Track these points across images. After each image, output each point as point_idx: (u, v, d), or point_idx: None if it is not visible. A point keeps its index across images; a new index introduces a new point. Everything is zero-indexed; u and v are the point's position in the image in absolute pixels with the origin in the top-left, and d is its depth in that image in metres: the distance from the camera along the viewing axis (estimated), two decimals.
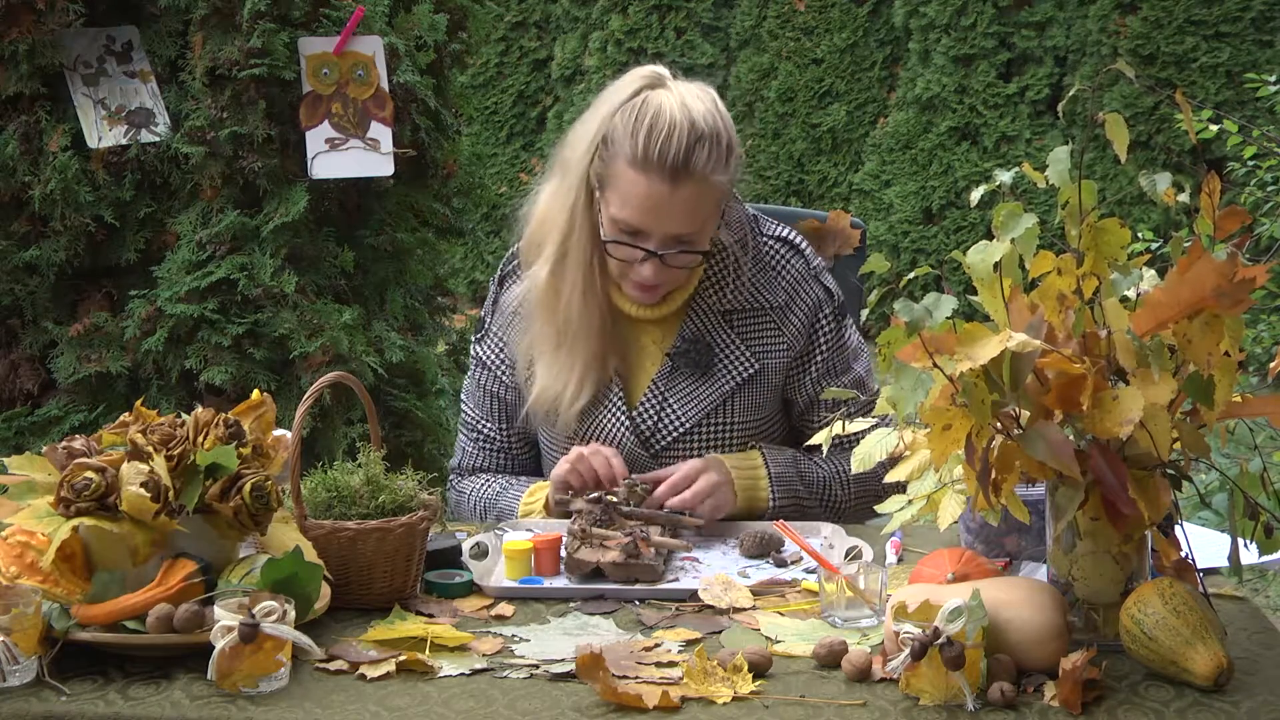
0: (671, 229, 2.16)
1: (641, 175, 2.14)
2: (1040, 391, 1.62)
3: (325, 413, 3.29)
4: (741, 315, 2.29)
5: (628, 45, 9.04)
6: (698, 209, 2.16)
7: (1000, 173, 1.71)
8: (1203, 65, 7.44)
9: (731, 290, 2.28)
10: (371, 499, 1.89)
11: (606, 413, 2.29)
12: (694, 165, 2.13)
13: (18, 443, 3.31)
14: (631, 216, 2.16)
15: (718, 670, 1.63)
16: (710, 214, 2.20)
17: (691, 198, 2.15)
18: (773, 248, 2.32)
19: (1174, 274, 1.59)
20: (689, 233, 2.17)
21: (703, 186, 2.15)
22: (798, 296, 2.31)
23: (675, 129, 2.13)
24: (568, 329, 2.25)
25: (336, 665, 1.68)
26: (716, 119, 2.18)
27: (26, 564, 1.73)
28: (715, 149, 2.15)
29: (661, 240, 2.17)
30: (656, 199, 2.13)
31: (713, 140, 2.15)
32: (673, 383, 2.28)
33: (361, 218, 3.49)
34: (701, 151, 2.14)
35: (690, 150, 2.13)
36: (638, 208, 2.15)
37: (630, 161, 2.14)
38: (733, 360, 2.28)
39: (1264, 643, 1.73)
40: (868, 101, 8.74)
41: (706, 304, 2.29)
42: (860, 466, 1.89)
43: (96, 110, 3.32)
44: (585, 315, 2.24)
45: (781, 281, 2.31)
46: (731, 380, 2.27)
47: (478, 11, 3.77)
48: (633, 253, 2.18)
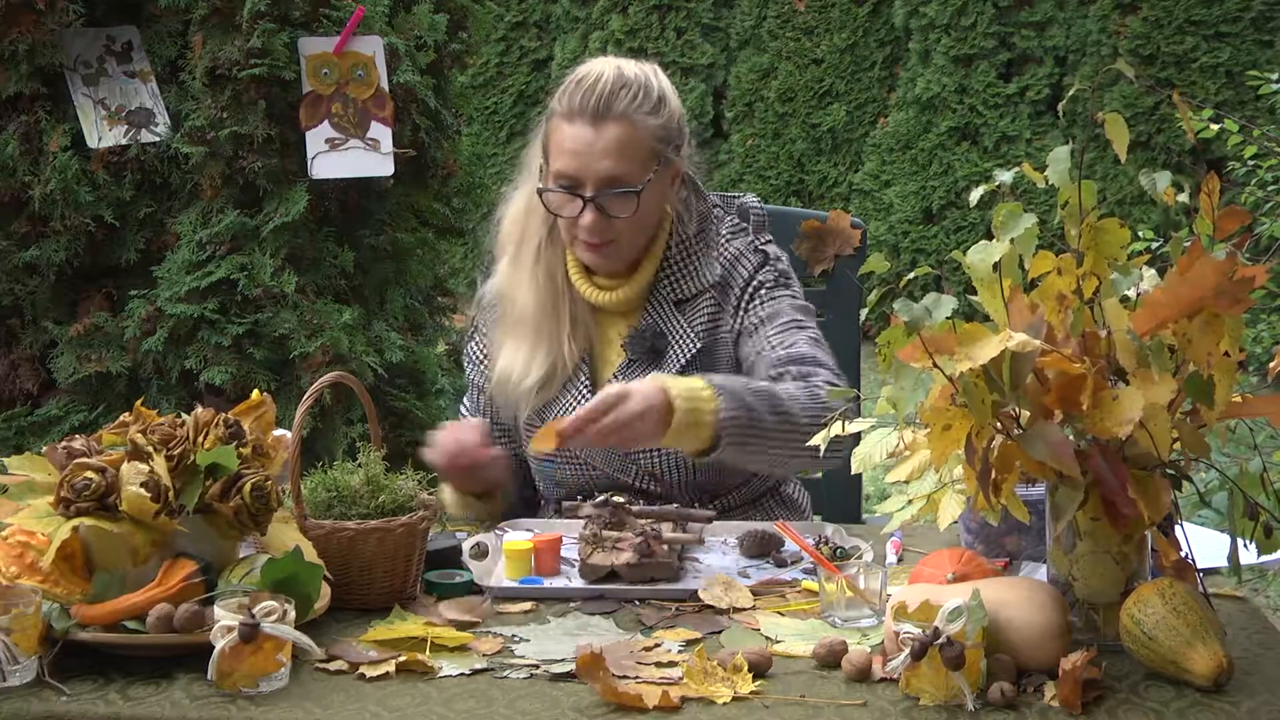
0: (602, 170, 2.22)
1: (569, 124, 2.24)
2: (1040, 391, 1.62)
3: (325, 413, 3.29)
4: (690, 301, 2.34)
5: (628, 45, 9.04)
6: (625, 149, 2.22)
7: (1000, 173, 1.71)
8: (1203, 65, 7.44)
9: (684, 280, 2.34)
10: (371, 499, 1.89)
11: (573, 399, 2.34)
12: (616, 106, 2.22)
13: (18, 443, 3.32)
14: (565, 165, 2.24)
15: (718, 670, 1.63)
16: (643, 157, 2.24)
17: (617, 137, 2.22)
18: (720, 230, 2.38)
19: (1174, 274, 1.59)
20: (620, 173, 2.23)
21: (628, 126, 2.22)
22: (736, 270, 2.34)
23: (600, 78, 2.24)
24: (520, 313, 2.34)
25: (336, 665, 1.68)
26: (650, 77, 2.28)
27: (26, 564, 1.73)
28: (642, 95, 2.24)
29: (595, 184, 2.23)
30: (584, 142, 2.22)
31: (640, 87, 2.25)
32: (631, 371, 2.33)
33: (361, 218, 3.49)
34: (626, 94, 2.23)
35: (614, 94, 2.23)
36: (568, 152, 2.23)
37: (562, 116, 2.25)
38: (681, 344, 2.32)
39: (1264, 643, 1.73)
40: (868, 101, 8.75)
41: (662, 295, 2.34)
42: (860, 467, 1.89)
43: (96, 110, 3.32)
44: (534, 296, 2.33)
45: (720, 258, 2.35)
46: (680, 361, 2.31)
47: (478, 11, 3.77)
48: (571, 202, 2.25)
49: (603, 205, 2.23)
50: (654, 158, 2.26)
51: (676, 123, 2.30)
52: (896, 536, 2.11)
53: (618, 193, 2.23)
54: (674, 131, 2.29)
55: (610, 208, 2.23)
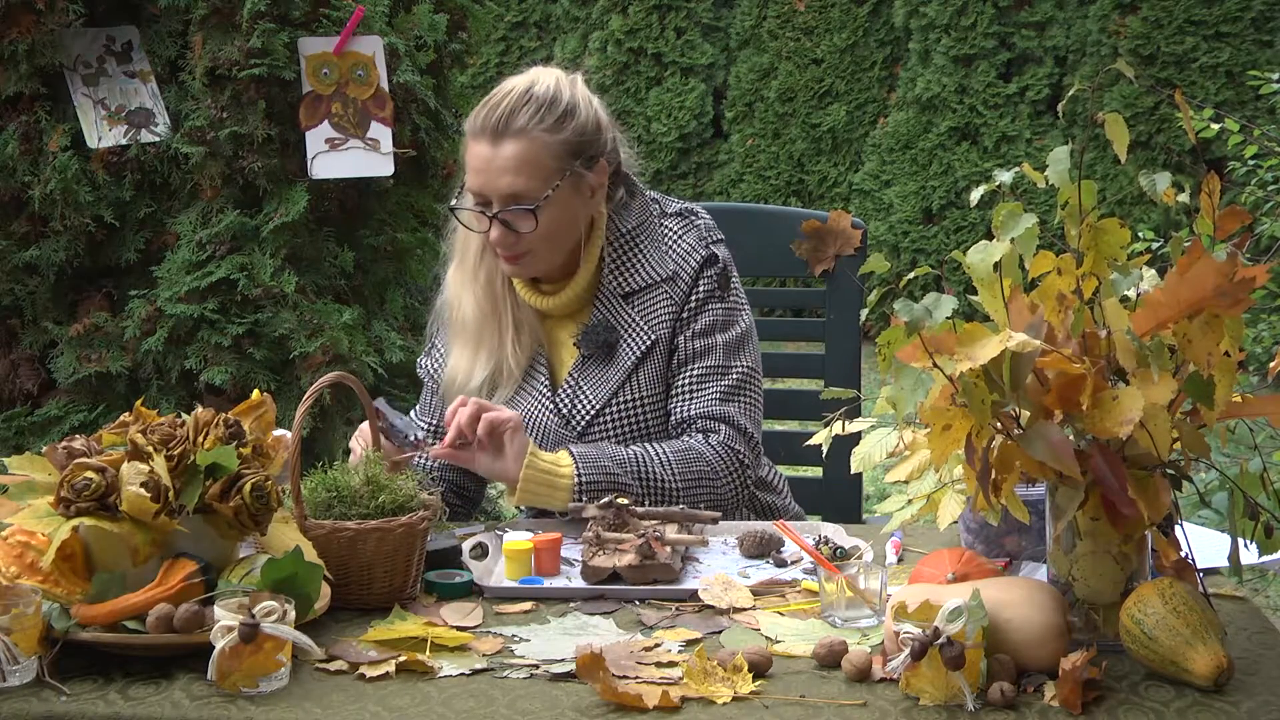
0: (502, 186, 2.25)
1: (475, 142, 2.28)
2: (1040, 391, 1.62)
3: (325, 413, 3.29)
4: (639, 294, 2.37)
5: (628, 45, 9.05)
6: (523, 165, 2.25)
7: (1000, 173, 1.71)
8: (1203, 65, 7.44)
9: (630, 273, 2.36)
10: (371, 499, 1.89)
11: (532, 399, 2.38)
12: (514, 122, 2.25)
13: (18, 443, 3.32)
14: (471, 182, 2.29)
15: (718, 670, 1.63)
16: (545, 172, 2.26)
17: (516, 154, 2.25)
18: (669, 226, 2.41)
19: (1174, 274, 1.59)
20: (519, 190, 2.26)
21: (526, 143, 2.25)
22: (685, 265, 2.37)
23: (505, 96, 2.27)
24: (464, 320, 2.40)
25: (336, 665, 1.68)
26: (560, 91, 2.30)
27: (26, 564, 1.73)
28: (545, 110, 2.26)
29: (498, 200, 2.27)
30: (485, 159, 2.26)
31: (544, 102, 2.27)
32: (585, 369, 2.36)
33: (361, 218, 3.49)
34: (525, 111, 2.26)
35: (513, 112, 2.25)
36: (473, 170, 2.28)
37: (469, 134, 2.29)
38: (632, 337, 2.35)
39: (1264, 643, 1.73)
40: (868, 101, 8.75)
41: (609, 290, 2.37)
42: (860, 467, 1.89)
43: (96, 110, 3.32)
44: (475, 306, 2.38)
45: (671, 254, 2.38)
46: (633, 355, 2.34)
47: (478, 11, 3.78)
48: (480, 219, 2.29)
49: (506, 220, 2.27)
50: (557, 173, 2.27)
51: (591, 132, 2.31)
52: (896, 536, 2.11)
53: (518, 209, 2.26)
54: (586, 143, 2.30)
55: (513, 222, 2.27)
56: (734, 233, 2.55)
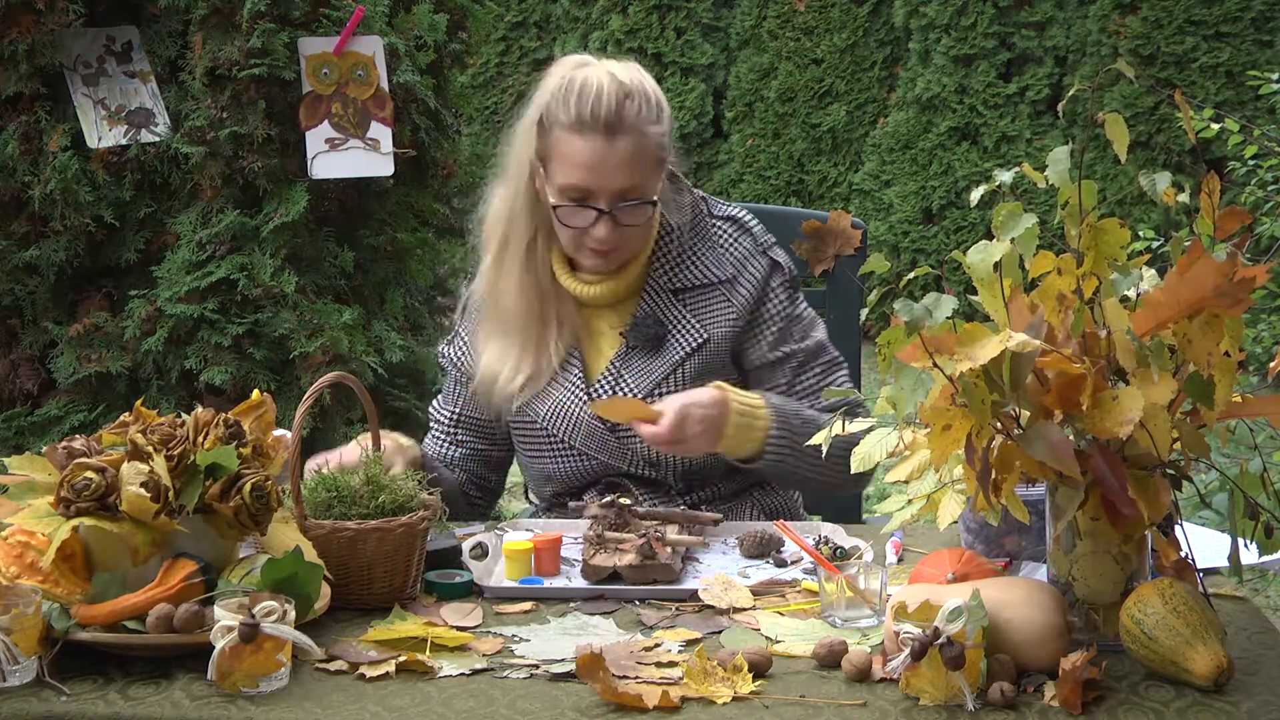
0: (617, 183, 2.23)
1: (579, 136, 2.22)
2: (1040, 391, 1.62)
3: (325, 413, 3.29)
4: (692, 292, 2.35)
5: (628, 45, 9.04)
6: (637, 159, 2.23)
7: (1000, 173, 1.71)
8: (1203, 65, 7.44)
9: (682, 269, 2.35)
10: (371, 499, 1.89)
11: (565, 391, 2.35)
12: (626, 117, 2.22)
13: (18, 443, 3.32)
14: (578, 178, 2.23)
15: (718, 670, 1.63)
16: (651, 166, 2.26)
17: (629, 148, 2.22)
18: (721, 227, 2.39)
19: (1174, 274, 1.59)
20: (634, 184, 2.24)
21: (638, 137, 2.23)
22: (745, 269, 2.36)
23: (603, 89, 2.23)
24: (505, 314, 2.35)
25: (336, 665, 1.69)
26: (642, 81, 2.28)
27: (26, 564, 1.73)
28: (645, 103, 2.25)
29: (609, 197, 2.23)
30: (598, 155, 2.22)
31: (640, 95, 2.25)
32: (628, 360, 2.34)
33: (361, 218, 3.49)
34: (631, 105, 2.23)
35: (620, 104, 2.22)
36: (582, 166, 2.23)
37: (568, 127, 2.23)
38: (683, 333, 2.34)
39: (1264, 643, 1.73)
40: (868, 101, 8.75)
41: (658, 284, 2.35)
42: (860, 467, 1.89)
43: (96, 110, 3.32)
44: (522, 300, 2.33)
45: (729, 257, 2.37)
46: (682, 350, 2.33)
47: (478, 11, 3.77)
48: (585, 215, 2.25)
49: (617, 216, 2.24)
50: (661, 164, 2.28)
51: (670, 124, 2.32)
52: (896, 536, 2.11)
53: (633, 204, 2.24)
54: (671, 134, 2.32)
55: (624, 218, 2.24)
56: None
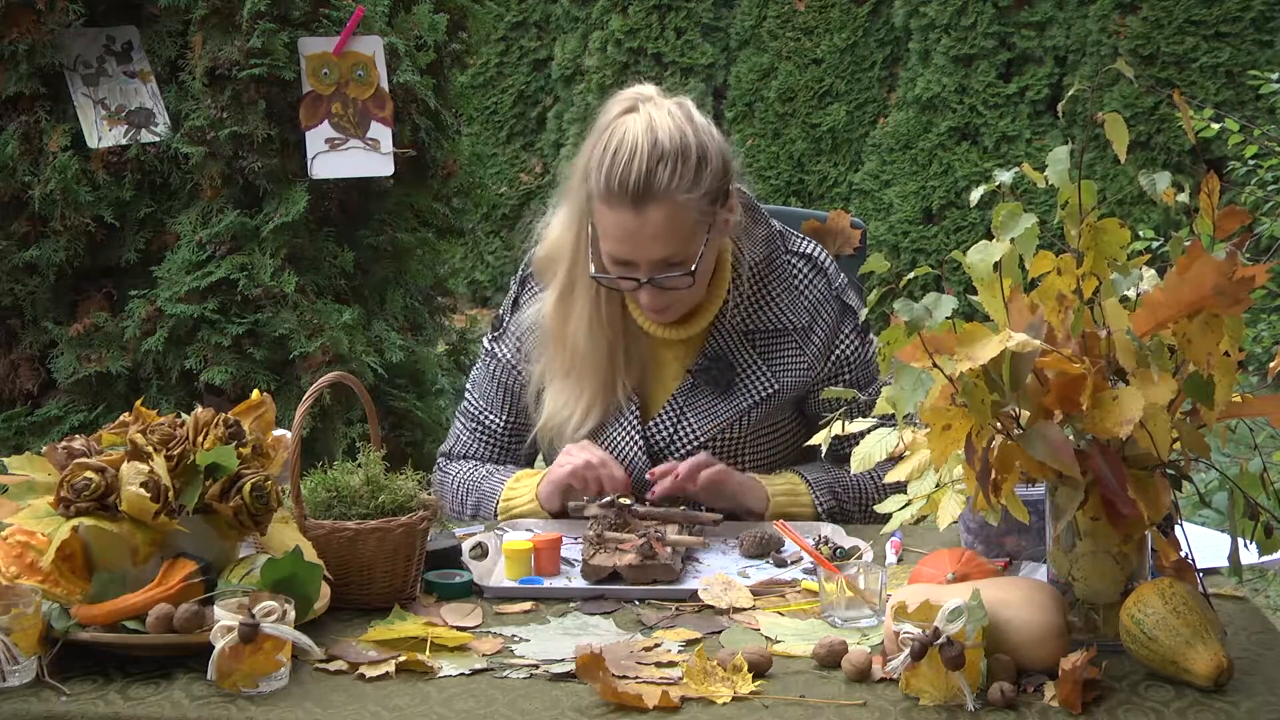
0: (652, 254, 2.15)
1: (609, 209, 2.14)
2: (1040, 391, 1.62)
3: (325, 413, 3.29)
4: (764, 335, 2.29)
5: (628, 45, 9.04)
6: (672, 230, 2.14)
7: (1000, 173, 1.71)
8: (1203, 65, 7.44)
9: (755, 312, 2.28)
10: (371, 499, 1.89)
11: (619, 429, 2.30)
12: (656, 187, 2.12)
13: (18, 443, 3.32)
14: (613, 249, 2.17)
15: (718, 670, 1.63)
16: (690, 232, 2.16)
17: (661, 220, 2.13)
18: (797, 267, 2.31)
19: (1174, 274, 1.59)
20: (670, 254, 2.16)
21: (670, 206, 2.13)
22: (819, 317, 2.30)
23: (635, 154, 2.12)
24: (575, 357, 2.26)
25: (336, 665, 1.68)
26: (686, 135, 2.15)
27: (26, 564, 1.73)
28: (680, 166, 2.13)
29: (647, 267, 2.16)
30: (628, 228, 2.14)
31: (677, 157, 2.13)
32: (692, 399, 2.29)
33: (361, 218, 3.49)
34: (663, 172, 2.12)
35: (650, 173, 2.11)
36: (615, 239, 2.16)
37: (600, 197, 2.15)
38: (753, 379, 2.29)
39: (1264, 643, 1.73)
40: (868, 101, 8.74)
41: (730, 324, 2.28)
42: (860, 467, 1.89)
43: (96, 110, 3.32)
44: (592, 343, 2.25)
45: (804, 302, 2.30)
46: (750, 398, 2.28)
47: (478, 11, 3.77)
48: (627, 281, 2.19)
49: (658, 283, 2.17)
50: (703, 226, 2.17)
51: (722, 170, 2.19)
52: (896, 536, 2.11)
53: (671, 275, 2.17)
54: (718, 186, 2.18)
55: (666, 284, 2.18)
56: None
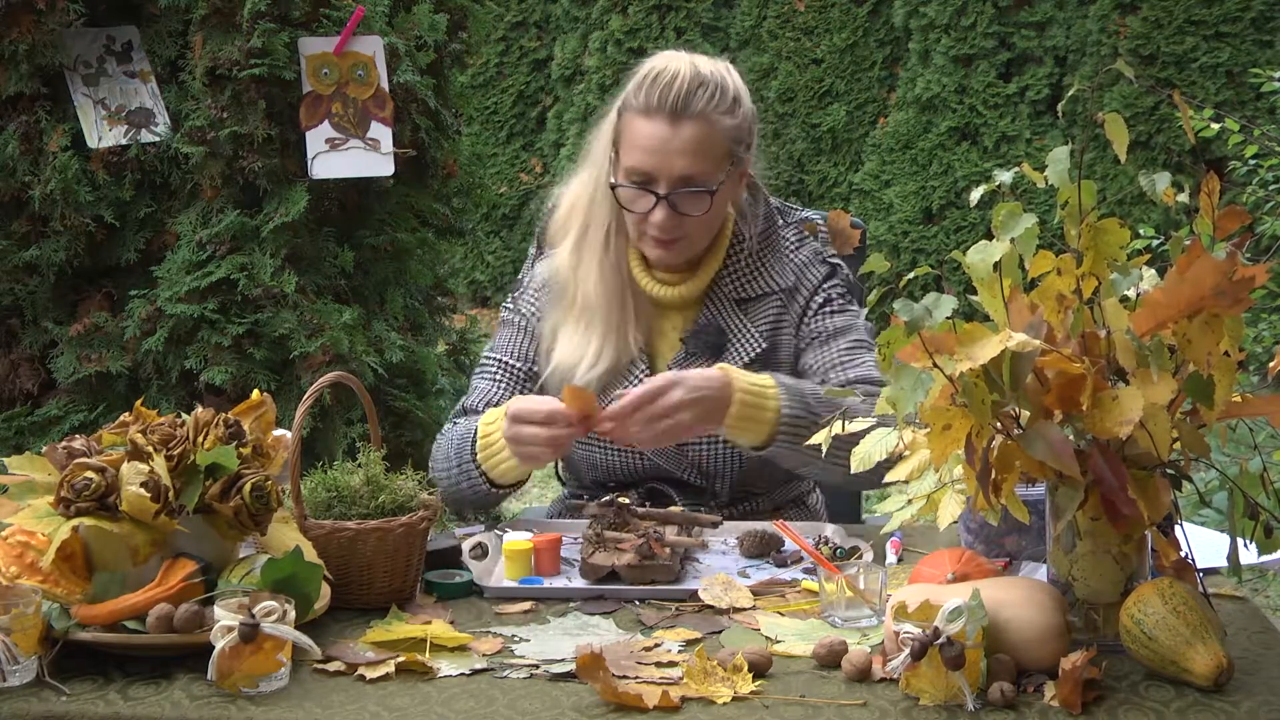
0: (677, 168, 2.21)
1: (646, 120, 2.22)
2: (1040, 391, 1.62)
3: (325, 413, 3.29)
4: (754, 302, 2.34)
5: (628, 45, 9.04)
6: (701, 147, 2.22)
7: (1000, 173, 1.71)
8: (1203, 65, 7.44)
9: (748, 279, 2.34)
10: (371, 499, 1.89)
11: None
12: (694, 104, 2.21)
13: (18, 443, 3.32)
14: (640, 161, 2.23)
15: (718, 670, 1.63)
16: (718, 156, 2.24)
17: (694, 136, 2.21)
18: (788, 236, 2.39)
19: (1174, 274, 1.59)
20: (695, 173, 2.22)
21: (705, 126, 2.22)
22: (805, 276, 2.36)
23: (677, 76, 2.22)
24: (586, 301, 2.32)
25: (336, 666, 1.68)
26: (725, 76, 2.27)
27: (26, 564, 1.73)
28: (719, 93, 2.24)
29: (669, 182, 2.22)
30: (661, 138, 2.21)
31: (716, 85, 2.24)
32: (687, 367, 2.30)
33: (361, 218, 3.49)
34: (703, 93, 2.22)
35: (691, 93, 2.21)
36: (644, 149, 2.22)
37: (638, 111, 2.23)
38: (743, 342, 2.32)
39: (1264, 643, 1.73)
40: (868, 101, 8.74)
41: (723, 293, 2.34)
42: (860, 467, 1.89)
43: (96, 110, 3.32)
44: (602, 286, 2.31)
45: (790, 264, 2.36)
46: (741, 360, 2.30)
47: (478, 11, 3.78)
48: (644, 198, 2.24)
49: (675, 203, 2.23)
50: (727, 157, 2.26)
51: (749, 122, 2.30)
52: (896, 536, 2.11)
53: (691, 191, 2.23)
54: (745, 131, 2.30)
55: (683, 205, 2.23)
56: None
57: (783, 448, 2.15)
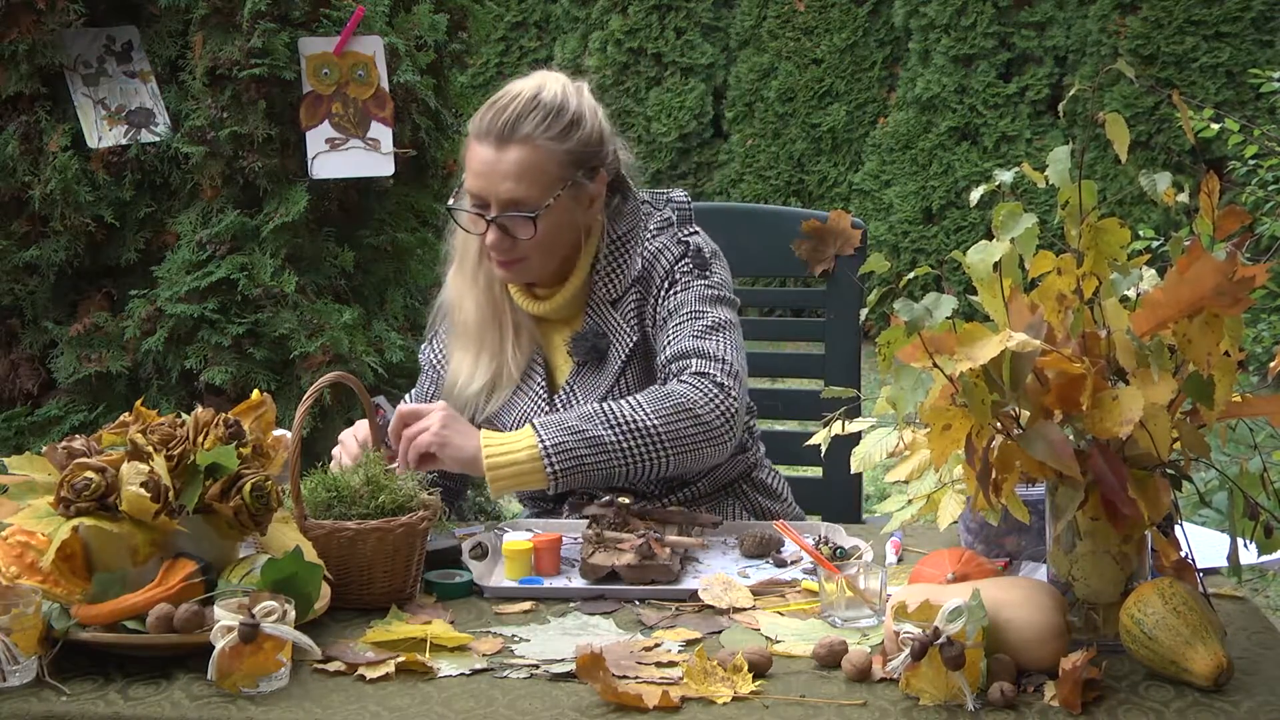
0: (503, 192, 2.24)
1: (479, 144, 2.26)
2: (1040, 391, 1.62)
3: (325, 413, 3.29)
4: (622, 299, 2.35)
5: (628, 45, 9.05)
6: (525, 173, 2.24)
7: (1000, 173, 1.71)
8: (1203, 65, 7.44)
9: (615, 278, 2.35)
10: (371, 499, 1.89)
11: (529, 401, 2.37)
12: (520, 129, 2.23)
13: (18, 443, 3.32)
14: (471, 184, 2.28)
15: (718, 670, 1.63)
16: (544, 182, 2.25)
17: (520, 160, 2.23)
18: (648, 226, 2.37)
19: (1174, 274, 1.59)
20: (520, 197, 2.24)
21: (531, 150, 2.24)
22: (657, 262, 2.34)
23: (513, 100, 2.26)
24: (465, 326, 2.39)
25: (335, 666, 1.68)
26: (567, 99, 2.28)
27: (26, 564, 1.73)
28: (551, 118, 2.25)
29: (498, 205, 2.25)
30: (488, 162, 2.24)
31: (549, 112, 2.25)
32: (581, 376, 2.35)
33: (361, 218, 3.49)
34: (533, 118, 2.24)
35: (519, 117, 2.24)
36: (475, 172, 2.26)
37: (474, 135, 2.28)
38: (620, 338, 2.34)
39: (1264, 643, 1.73)
40: (868, 101, 8.75)
41: (599, 296, 2.36)
42: (860, 467, 1.89)
43: (96, 110, 3.32)
44: (476, 311, 2.37)
45: (646, 252, 2.35)
46: (620, 358, 2.33)
47: (478, 11, 3.78)
48: (478, 221, 2.28)
49: (504, 225, 2.25)
50: (559, 182, 2.26)
51: (594, 143, 2.29)
52: (896, 536, 2.11)
53: (518, 215, 2.25)
54: (590, 154, 2.29)
55: (511, 228, 2.26)
56: (734, 233, 2.55)
57: (570, 474, 2.11)
